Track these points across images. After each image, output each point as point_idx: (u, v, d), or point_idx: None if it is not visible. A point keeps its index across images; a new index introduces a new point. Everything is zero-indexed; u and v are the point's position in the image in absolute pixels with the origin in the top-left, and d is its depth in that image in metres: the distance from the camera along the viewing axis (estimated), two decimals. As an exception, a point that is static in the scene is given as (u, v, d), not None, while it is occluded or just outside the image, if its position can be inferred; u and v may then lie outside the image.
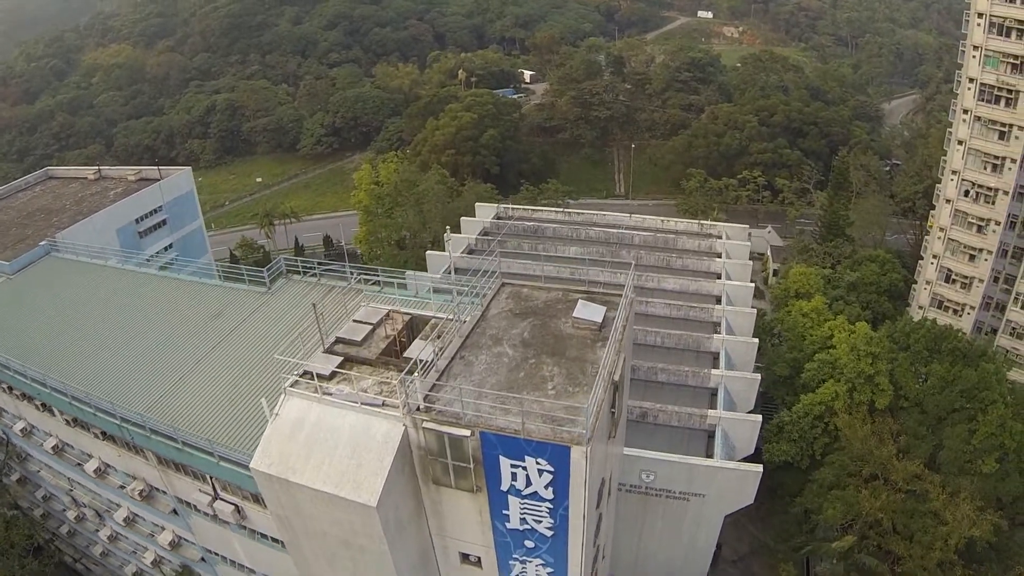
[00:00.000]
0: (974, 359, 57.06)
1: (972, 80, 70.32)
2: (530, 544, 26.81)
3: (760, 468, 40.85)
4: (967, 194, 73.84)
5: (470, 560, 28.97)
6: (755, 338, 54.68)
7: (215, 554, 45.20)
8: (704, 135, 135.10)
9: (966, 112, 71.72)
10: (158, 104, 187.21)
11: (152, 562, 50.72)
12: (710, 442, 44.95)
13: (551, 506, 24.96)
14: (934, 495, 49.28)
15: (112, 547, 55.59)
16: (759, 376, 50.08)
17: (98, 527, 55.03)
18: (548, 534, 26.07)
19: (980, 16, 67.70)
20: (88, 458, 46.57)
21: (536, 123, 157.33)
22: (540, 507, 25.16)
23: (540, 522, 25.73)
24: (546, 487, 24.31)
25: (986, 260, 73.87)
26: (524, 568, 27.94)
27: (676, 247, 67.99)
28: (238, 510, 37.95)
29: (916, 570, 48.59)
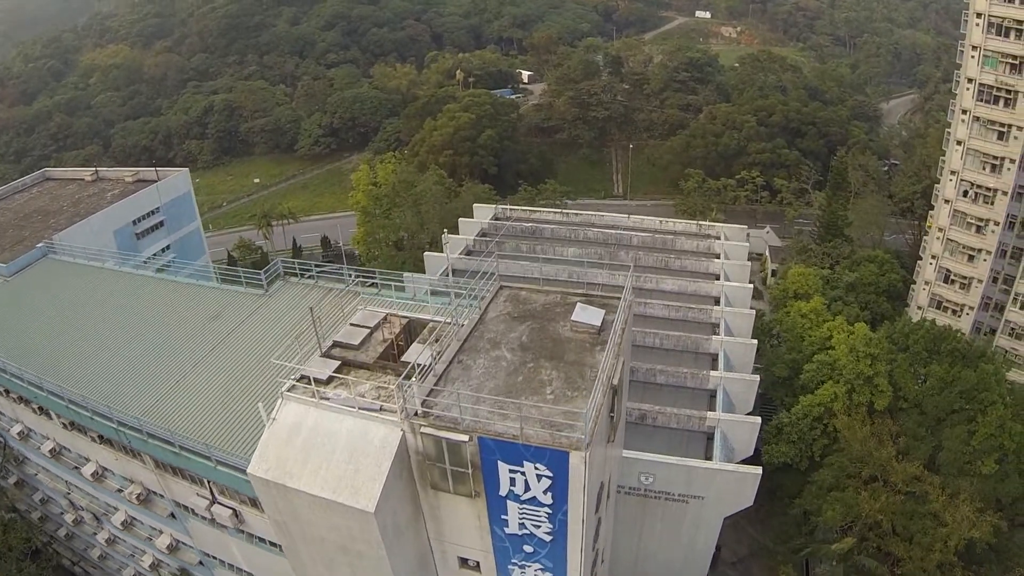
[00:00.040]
0: (973, 360, 57.01)
1: (971, 80, 70.23)
2: (529, 549, 26.69)
3: (759, 470, 40.80)
4: (966, 194, 73.77)
5: (469, 565, 28.84)
6: (754, 339, 54.68)
7: (213, 558, 45.01)
8: (702, 135, 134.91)
9: (965, 112, 71.61)
10: (156, 105, 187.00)
11: (150, 565, 50.54)
12: (709, 444, 44.95)
13: (550, 511, 24.83)
14: (934, 496, 49.28)
15: (110, 550, 55.40)
16: (758, 378, 50.08)
17: (96, 530, 54.85)
18: (547, 539, 25.94)
19: (979, 16, 67.60)
20: (85, 461, 46.36)
21: (534, 123, 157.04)
22: (539, 512, 25.03)
23: (539, 527, 25.60)
24: (545, 492, 24.19)
25: (985, 260, 73.78)
26: (523, 573, 27.79)
27: (674, 248, 67.97)
28: (236, 514, 37.78)
29: (916, 572, 48.62)
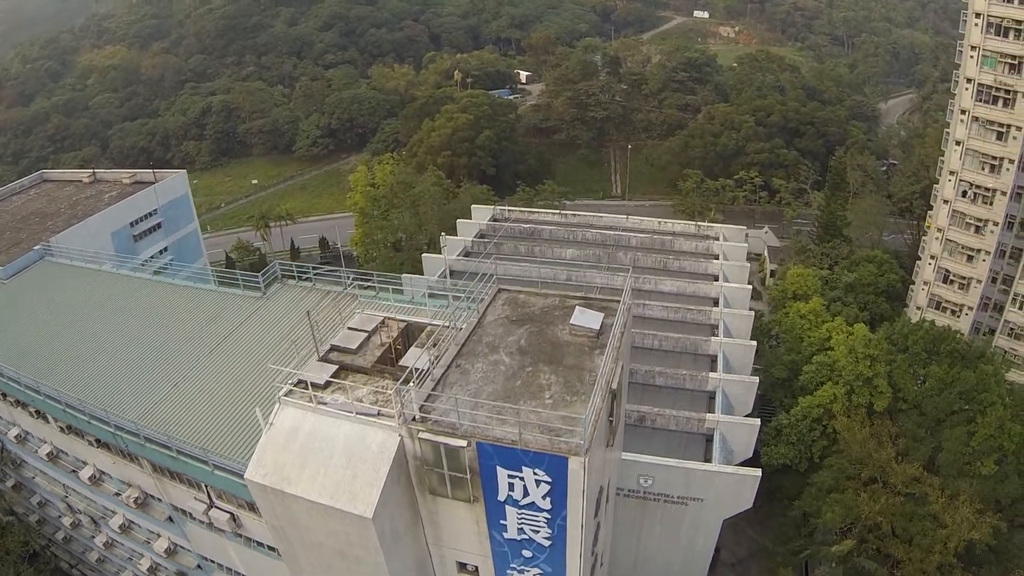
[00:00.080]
0: (973, 361, 56.89)
1: (970, 80, 70.09)
2: (528, 554, 26.57)
3: (759, 472, 40.72)
4: (965, 195, 73.63)
5: (467, 569, 28.71)
6: (753, 341, 54.59)
7: (211, 562, 44.86)
8: (701, 135, 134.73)
9: (964, 112, 71.44)
10: (153, 106, 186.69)
11: (148, 569, 50.37)
12: (708, 446, 44.91)
13: (549, 516, 24.71)
14: (933, 498, 49.15)
15: (108, 553, 55.22)
16: (757, 379, 50.06)
17: (94, 533, 54.66)
18: (546, 544, 25.82)
19: (978, 16, 67.41)
20: (83, 465, 46.25)
21: (532, 124, 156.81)
22: (538, 517, 24.91)
23: (538, 532, 25.48)
24: (544, 497, 24.07)
25: (984, 261, 73.61)
26: (522, 577, 27.71)
27: (673, 249, 67.94)
28: (234, 518, 37.63)
29: (915, 574, 48.50)
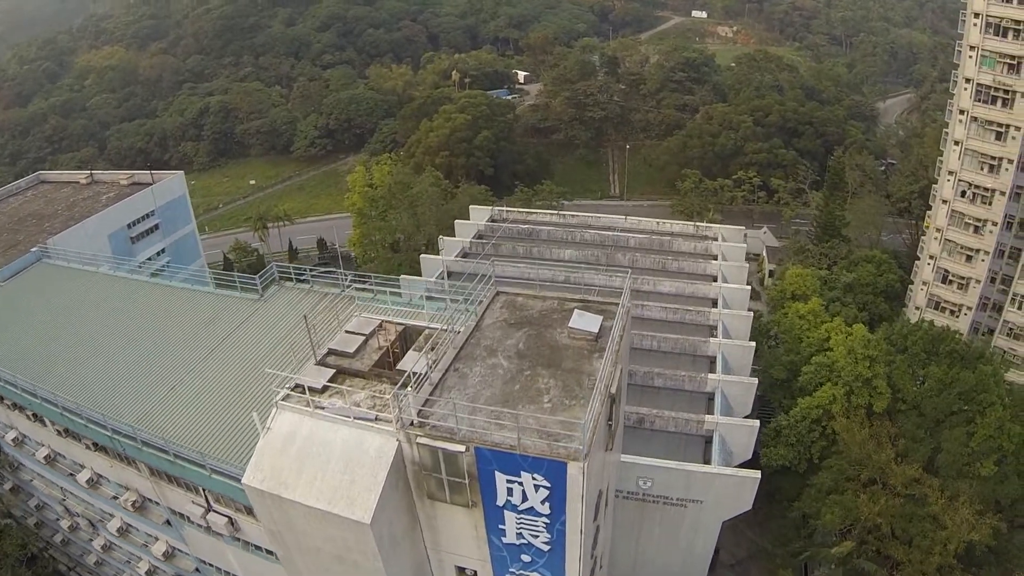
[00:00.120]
0: (972, 361, 56.79)
1: (968, 80, 69.93)
2: (527, 558, 26.45)
3: (758, 474, 40.67)
4: (964, 195, 73.47)
5: (466, 574, 28.59)
6: (752, 341, 54.51)
7: (209, 565, 44.71)
8: (699, 135, 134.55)
9: (962, 113, 71.28)
10: (151, 106, 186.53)
11: (146, 572, 50.19)
12: (707, 447, 44.85)
13: (548, 521, 24.58)
14: (933, 499, 49.01)
15: (106, 556, 55.06)
16: (756, 380, 50.00)
17: (92, 537, 54.50)
18: (545, 548, 25.70)
19: (976, 16, 67.22)
20: (80, 468, 46.11)
21: (530, 124, 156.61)
22: (537, 522, 24.78)
23: (537, 537, 25.35)
24: (543, 502, 23.94)
25: (983, 261, 73.44)
26: (521, 582, 27.58)
27: (672, 249, 67.86)
28: (231, 522, 37.50)
29: (915, 575, 48.36)
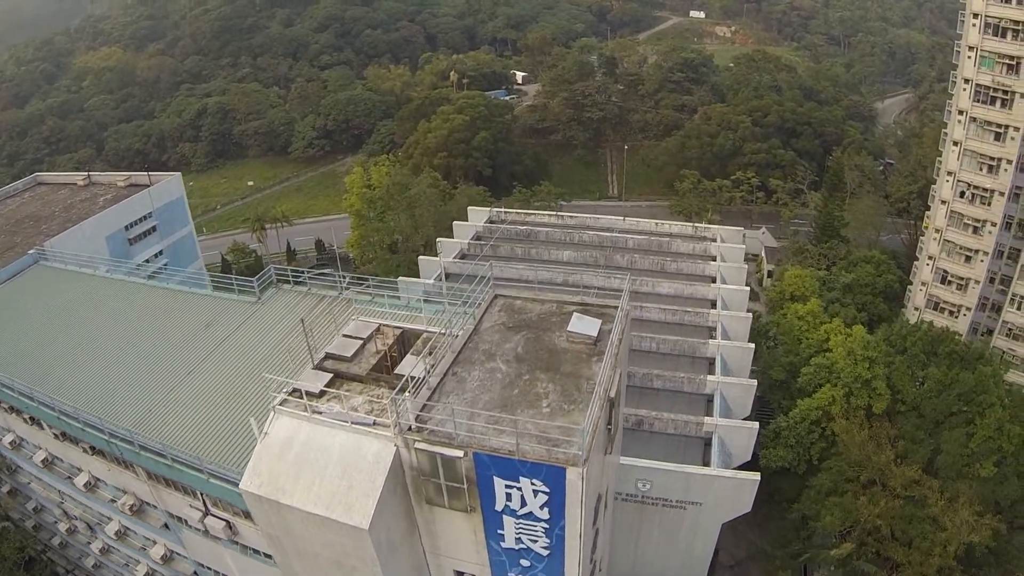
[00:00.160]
0: (971, 362, 56.74)
1: (967, 81, 69.79)
2: (526, 563, 26.31)
3: (757, 476, 40.54)
4: (963, 195, 73.33)
5: (465, 578, 28.49)
6: (751, 343, 54.38)
7: (207, 568, 44.59)
8: (697, 136, 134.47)
9: (961, 113, 71.17)
10: (149, 107, 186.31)
11: (144, 575, 50.13)
12: (707, 449, 44.69)
13: (547, 526, 24.46)
14: (933, 500, 48.96)
15: (104, 559, 54.98)
16: (755, 382, 49.82)
17: (90, 539, 54.38)
18: (544, 553, 25.57)
19: (975, 16, 67.10)
20: (78, 472, 45.98)
21: (528, 125, 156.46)
22: (536, 527, 24.66)
23: (536, 541, 25.23)
24: (541, 507, 23.82)
25: (982, 261, 73.33)
26: (520, 586, 27.44)
27: (670, 250, 67.70)
28: (229, 526, 37.38)
29: (915, 577, 48.36)
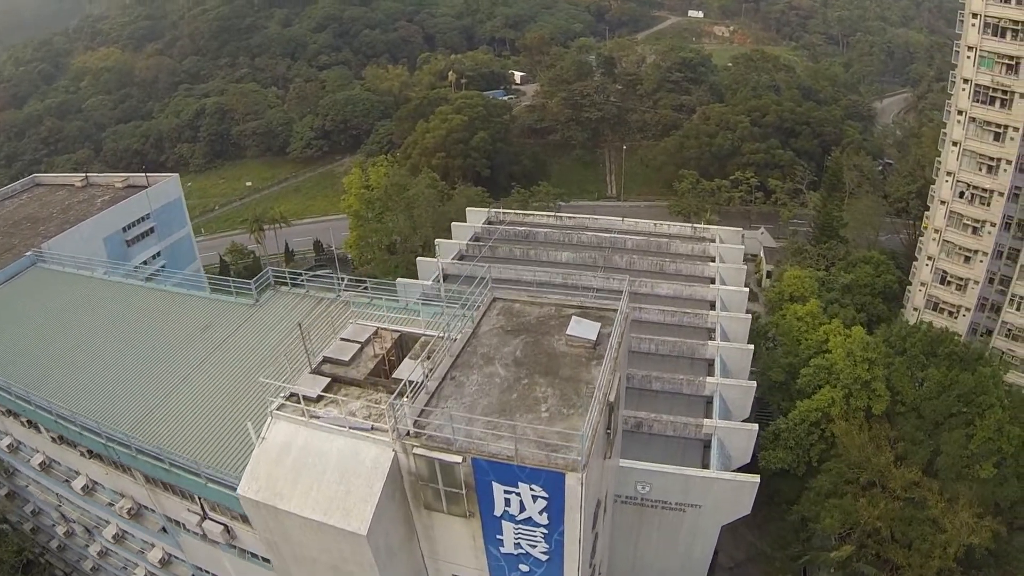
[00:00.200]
0: (971, 363, 56.72)
1: (967, 81, 69.68)
2: (525, 568, 26.17)
3: (757, 479, 40.47)
4: (962, 195, 73.23)
5: (464, 583, 28.32)
6: (750, 344, 54.24)
7: (206, 572, 44.41)
8: (696, 136, 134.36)
9: (960, 113, 71.08)
10: (147, 108, 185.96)
11: (143, 578, 50.09)
12: (706, 452, 44.57)
13: (546, 531, 24.32)
14: (932, 502, 48.94)
15: (103, 562, 54.77)
16: (755, 384, 49.72)
17: (88, 542, 54.27)
18: (543, 558, 25.43)
19: (975, 16, 67.00)
20: (75, 475, 45.78)
21: (527, 125, 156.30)
22: (535, 532, 24.52)
23: (535, 547, 25.08)
24: (540, 513, 23.67)
25: (981, 262, 73.24)
26: (519, 591, 27.29)
27: (669, 251, 67.60)
28: (227, 530, 37.20)
29: (915, 579, 48.28)
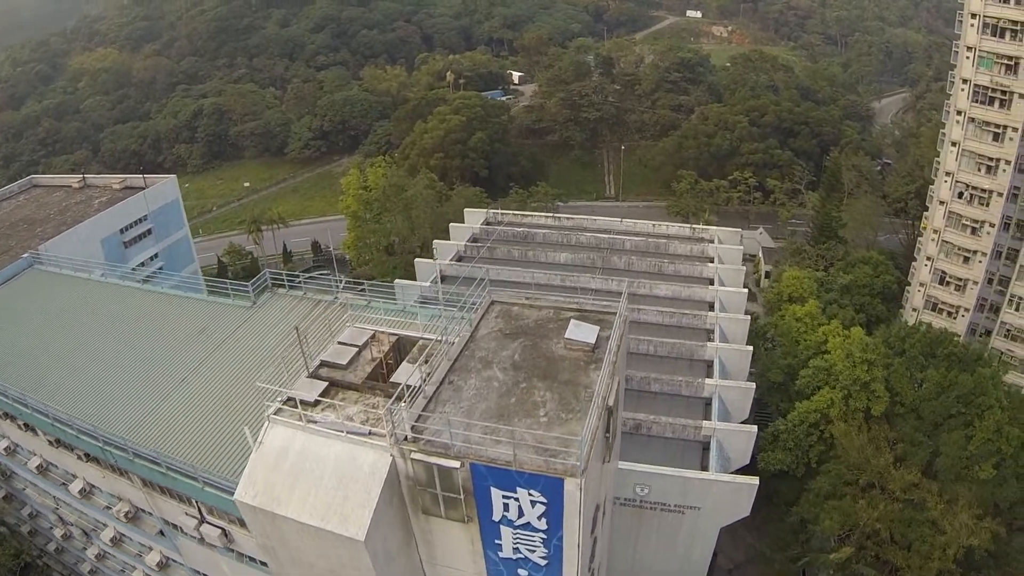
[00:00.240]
0: (970, 364, 56.62)
1: (966, 81, 69.60)
2: (524, 572, 26.01)
3: (756, 481, 40.38)
4: (961, 196, 73.16)
5: (462, 588, 28.17)
6: (749, 346, 54.12)
7: (204, 575, 44.33)
8: (694, 136, 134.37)
9: (960, 113, 70.99)
10: (145, 109, 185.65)
11: (141, 581, 49.94)
12: (705, 453, 44.45)
13: (545, 536, 24.17)
14: (932, 504, 48.85)
15: (100, 565, 54.59)
16: (754, 385, 49.61)
17: (86, 545, 54.19)
18: (542, 563, 25.29)
19: (974, 16, 66.93)
20: (73, 478, 45.75)
21: (525, 125, 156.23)
22: (534, 537, 24.38)
23: (534, 552, 24.95)
24: (539, 518, 23.52)
25: (980, 262, 73.18)
26: (518, 596, 27.15)
27: (668, 252, 67.48)
28: (225, 533, 37.10)
29: (914, 580, 48.21)
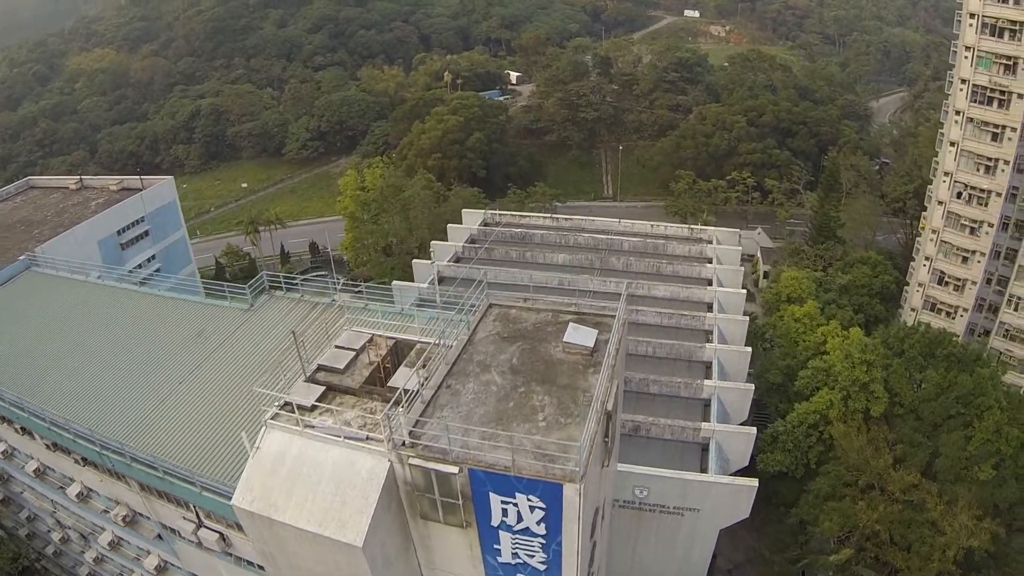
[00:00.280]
0: (969, 364, 56.53)
1: (964, 81, 69.53)
2: (522, 577, 25.99)
3: (755, 483, 40.31)
4: (959, 196, 73.07)
5: (461, 592, 28.04)
6: (748, 347, 54.03)
7: (201, 579, 44.23)
8: (692, 136, 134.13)
9: (958, 113, 70.89)
10: (142, 109, 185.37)
11: (139, 584, 49.76)
12: (704, 455, 44.36)
13: (544, 541, 24.06)
14: (931, 505, 48.76)
15: (99, 569, 54.45)
16: (752, 386, 49.53)
17: (84, 549, 53.94)
18: (541, 568, 25.16)
19: (972, 16, 66.85)
20: (70, 482, 45.59)
21: (523, 125, 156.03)
22: (532, 542, 24.26)
23: (533, 556, 24.83)
24: (538, 523, 23.41)
25: (979, 262, 73.12)
26: (517, 600, 27.04)
27: (666, 253, 67.38)
28: (223, 538, 36.95)
29: (914, 581, 48.13)
